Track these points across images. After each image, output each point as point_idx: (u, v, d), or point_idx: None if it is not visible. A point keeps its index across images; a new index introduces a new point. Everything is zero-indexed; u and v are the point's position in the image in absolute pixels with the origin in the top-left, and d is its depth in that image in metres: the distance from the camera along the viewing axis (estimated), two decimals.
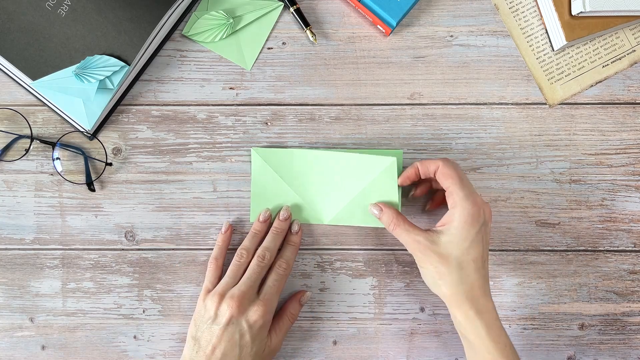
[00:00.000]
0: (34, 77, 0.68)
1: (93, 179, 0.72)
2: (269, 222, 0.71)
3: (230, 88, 0.73)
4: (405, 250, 0.72)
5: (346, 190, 0.71)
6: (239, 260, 0.68)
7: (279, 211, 0.71)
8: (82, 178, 0.72)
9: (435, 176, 0.65)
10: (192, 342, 0.65)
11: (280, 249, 0.70)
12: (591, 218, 0.72)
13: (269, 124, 0.72)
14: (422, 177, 0.67)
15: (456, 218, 0.62)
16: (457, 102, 0.73)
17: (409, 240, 0.64)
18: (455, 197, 0.63)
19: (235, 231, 0.72)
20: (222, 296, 0.65)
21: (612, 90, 0.73)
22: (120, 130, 0.72)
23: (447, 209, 0.64)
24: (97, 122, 0.70)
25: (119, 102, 0.72)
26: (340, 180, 0.71)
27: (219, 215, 0.72)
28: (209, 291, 0.67)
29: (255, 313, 0.64)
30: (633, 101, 0.73)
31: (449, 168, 0.64)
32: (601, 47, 0.73)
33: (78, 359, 0.71)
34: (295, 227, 0.70)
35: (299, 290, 0.72)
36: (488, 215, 0.64)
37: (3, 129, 0.72)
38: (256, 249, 0.69)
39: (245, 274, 0.67)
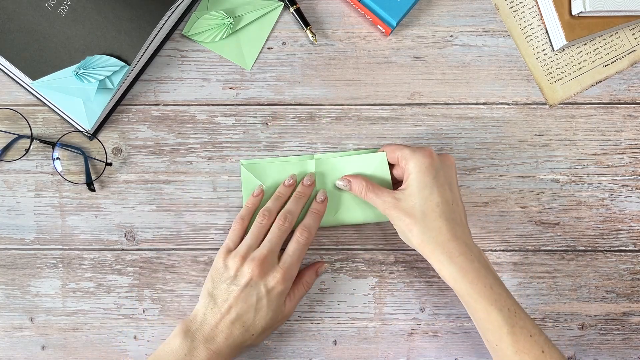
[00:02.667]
0: (34, 77, 0.68)
1: (93, 179, 0.72)
2: (293, 187, 0.70)
3: (230, 88, 0.73)
4: (406, 249, 0.72)
5: (339, 193, 0.71)
6: (260, 221, 0.67)
7: (304, 177, 0.70)
8: (82, 178, 0.72)
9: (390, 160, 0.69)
10: (207, 298, 0.65)
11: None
12: (591, 218, 0.72)
13: (269, 124, 0.72)
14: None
15: (411, 171, 0.65)
16: (457, 102, 0.73)
17: (379, 202, 0.66)
18: (405, 155, 0.66)
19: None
20: (243, 258, 0.65)
21: (612, 90, 0.73)
22: (120, 130, 0.72)
23: None
24: (97, 122, 0.70)
25: (119, 102, 0.72)
26: (332, 184, 0.71)
27: (219, 215, 0.72)
28: (229, 250, 0.67)
29: (274, 279, 0.65)
30: (633, 101, 0.73)
31: (392, 146, 0.68)
32: (601, 47, 0.73)
33: (78, 359, 0.71)
34: (320, 197, 0.70)
35: (318, 261, 0.72)
36: (448, 161, 0.66)
37: (3, 129, 0.72)
38: (279, 213, 0.68)
39: (266, 237, 0.67)
